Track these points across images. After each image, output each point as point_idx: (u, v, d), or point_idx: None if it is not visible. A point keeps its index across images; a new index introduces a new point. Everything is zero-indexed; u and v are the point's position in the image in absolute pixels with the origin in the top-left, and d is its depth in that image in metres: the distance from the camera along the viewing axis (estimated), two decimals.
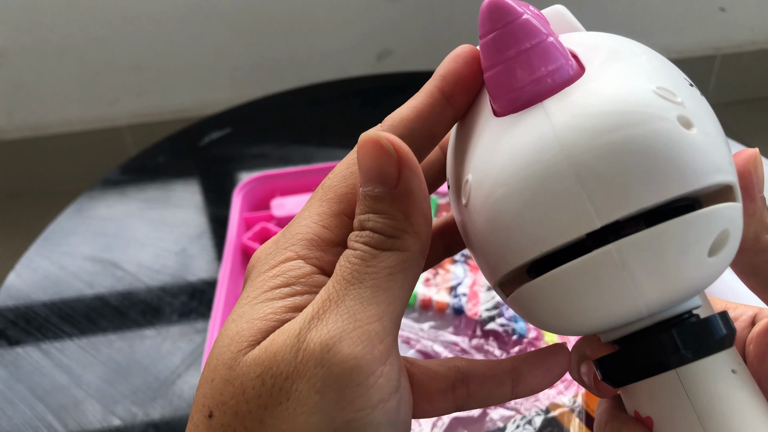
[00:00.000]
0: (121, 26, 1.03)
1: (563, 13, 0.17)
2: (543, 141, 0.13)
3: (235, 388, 0.13)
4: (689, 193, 0.13)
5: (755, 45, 1.23)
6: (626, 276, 0.13)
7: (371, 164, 0.14)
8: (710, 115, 0.15)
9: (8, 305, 0.42)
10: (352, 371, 0.12)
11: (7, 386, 0.36)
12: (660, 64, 0.15)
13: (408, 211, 0.14)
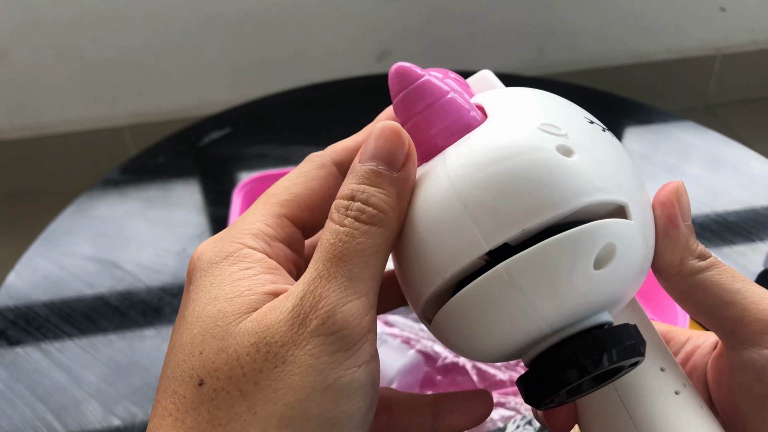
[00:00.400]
0: (121, 26, 1.03)
1: (487, 76, 0.19)
2: (438, 180, 0.15)
3: (228, 356, 0.14)
4: (566, 212, 0.14)
5: (755, 45, 1.23)
6: (518, 294, 0.14)
7: (385, 145, 0.15)
8: (605, 145, 0.16)
9: (8, 305, 0.42)
10: (344, 339, 0.14)
11: (6, 386, 0.36)
12: (557, 107, 0.17)
13: (401, 195, 0.15)
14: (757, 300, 0.16)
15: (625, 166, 0.16)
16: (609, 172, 0.15)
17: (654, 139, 0.56)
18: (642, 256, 0.15)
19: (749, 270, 0.42)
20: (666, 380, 0.16)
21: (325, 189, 0.17)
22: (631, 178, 0.16)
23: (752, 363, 0.16)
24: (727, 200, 0.49)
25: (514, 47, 1.16)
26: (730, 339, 0.16)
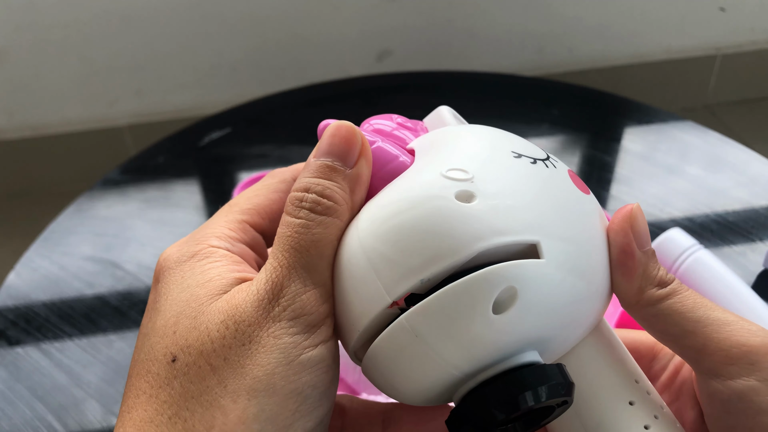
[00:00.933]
0: (121, 26, 1.03)
1: (441, 113, 0.20)
2: (351, 233, 0.16)
3: (200, 332, 0.15)
4: (463, 259, 0.14)
5: (755, 45, 1.23)
6: (422, 344, 0.14)
7: (338, 142, 0.16)
8: (524, 181, 0.16)
9: (8, 305, 0.42)
10: (304, 324, 0.15)
11: (7, 386, 0.37)
12: (479, 147, 0.17)
13: (354, 190, 0.16)
14: (717, 329, 0.15)
15: (546, 200, 0.15)
16: (517, 211, 0.15)
17: (654, 139, 0.56)
18: (565, 291, 0.15)
19: (749, 270, 0.42)
20: (635, 414, 0.16)
21: (285, 201, 0.17)
22: (554, 212, 0.15)
23: (718, 394, 0.15)
24: (726, 200, 0.49)
25: (513, 47, 1.16)
26: (696, 368, 0.16)
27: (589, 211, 0.16)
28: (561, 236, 0.15)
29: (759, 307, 0.36)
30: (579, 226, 0.16)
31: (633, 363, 0.17)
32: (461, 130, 0.18)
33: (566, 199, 0.16)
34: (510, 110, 0.61)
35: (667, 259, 0.39)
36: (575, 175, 0.17)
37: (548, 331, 0.15)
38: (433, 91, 0.65)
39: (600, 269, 0.16)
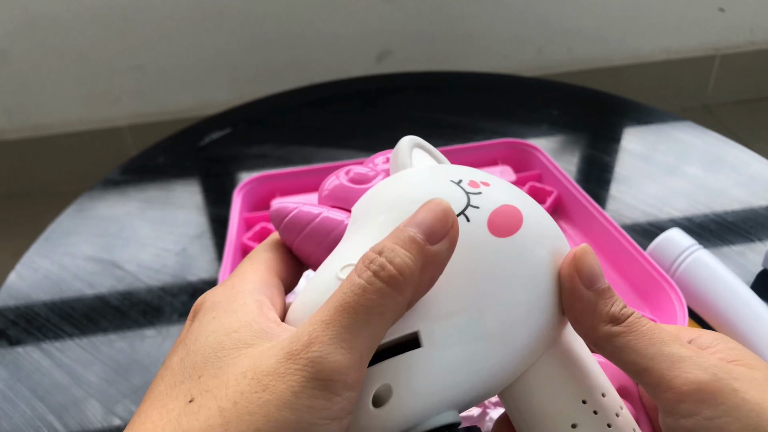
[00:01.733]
0: (122, 27, 1.03)
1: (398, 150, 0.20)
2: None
3: (220, 380, 0.15)
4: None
5: (754, 45, 1.24)
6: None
7: (430, 218, 0.15)
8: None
9: (9, 305, 0.42)
10: (327, 386, 0.14)
11: (7, 386, 0.37)
12: (384, 232, 0.16)
13: (426, 267, 0.15)
14: (670, 365, 0.15)
15: (445, 287, 0.16)
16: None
17: (653, 139, 0.56)
18: (457, 362, 0.15)
19: (748, 270, 0.42)
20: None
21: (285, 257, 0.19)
22: (444, 290, 0.15)
23: (672, 431, 0.15)
24: (725, 200, 0.49)
25: (513, 48, 1.16)
26: (656, 402, 0.16)
27: (502, 259, 0.16)
28: (447, 313, 0.15)
29: (758, 306, 0.36)
30: (478, 289, 0.16)
31: (587, 380, 0.17)
32: (384, 193, 0.18)
33: (466, 263, 0.16)
34: (510, 111, 0.61)
35: (665, 259, 0.39)
36: (504, 211, 0.17)
37: (453, 396, 0.15)
38: (433, 92, 0.65)
39: (518, 314, 0.16)
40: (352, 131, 0.59)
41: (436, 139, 0.60)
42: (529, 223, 0.17)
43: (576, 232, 0.44)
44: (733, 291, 0.37)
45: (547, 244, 0.17)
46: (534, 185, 0.46)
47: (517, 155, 0.49)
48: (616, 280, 0.40)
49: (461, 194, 0.17)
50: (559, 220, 0.45)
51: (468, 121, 0.59)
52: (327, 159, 0.55)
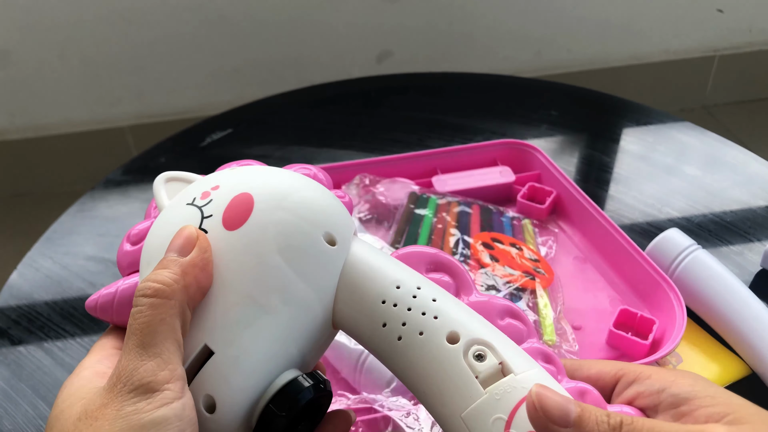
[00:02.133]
0: (123, 27, 1.03)
1: (154, 191, 0.22)
2: None
3: (61, 423, 0.18)
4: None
5: (753, 46, 1.24)
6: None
7: (178, 240, 0.19)
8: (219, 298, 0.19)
9: (11, 305, 0.42)
10: (142, 391, 0.17)
11: (9, 385, 0.37)
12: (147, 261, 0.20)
13: (186, 272, 0.18)
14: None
15: (208, 297, 0.19)
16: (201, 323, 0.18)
17: (652, 139, 0.57)
18: (260, 347, 0.18)
19: (747, 270, 0.42)
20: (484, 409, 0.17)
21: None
22: (214, 304, 0.18)
23: None
24: (724, 200, 0.49)
25: (512, 48, 1.16)
26: None
27: (244, 244, 0.19)
28: (218, 318, 0.18)
29: (757, 306, 0.36)
30: (235, 287, 0.18)
31: (378, 283, 0.19)
32: (146, 247, 0.20)
33: (217, 268, 0.19)
34: (509, 111, 0.61)
35: (664, 259, 0.39)
36: (232, 205, 0.19)
37: (274, 366, 0.18)
38: (433, 92, 0.65)
39: (279, 279, 0.18)
40: (352, 132, 0.59)
41: (436, 140, 0.61)
42: (261, 198, 0.20)
43: (575, 232, 0.44)
44: (731, 291, 0.37)
45: (287, 205, 0.19)
46: (533, 185, 0.46)
47: (516, 156, 0.49)
48: (616, 280, 0.40)
49: (195, 212, 0.20)
50: (558, 220, 0.45)
51: (468, 121, 0.59)
52: (327, 159, 0.55)
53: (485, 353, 0.18)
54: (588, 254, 0.42)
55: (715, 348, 0.37)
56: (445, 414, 0.17)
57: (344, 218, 0.21)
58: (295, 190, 0.20)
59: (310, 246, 0.19)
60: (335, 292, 0.19)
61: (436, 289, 0.19)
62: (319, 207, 0.20)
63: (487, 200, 0.45)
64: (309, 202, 0.20)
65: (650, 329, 0.34)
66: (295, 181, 0.21)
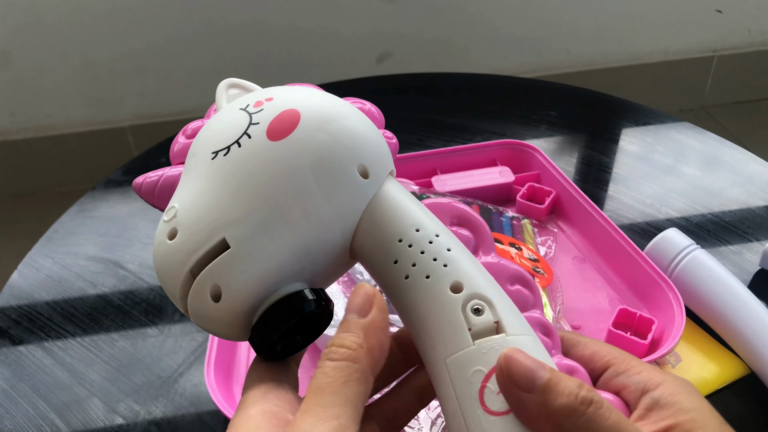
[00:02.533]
0: (124, 28, 1.03)
1: (217, 94, 0.24)
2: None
3: None
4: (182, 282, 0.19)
5: (751, 46, 1.24)
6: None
7: (357, 299, 0.19)
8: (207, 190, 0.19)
9: (11, 305, 0.42)
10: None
11: (10, 385, 0.37)
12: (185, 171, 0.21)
13: (368, 334, 0.18)
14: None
15: (226, 192, 0.19)
16: (202, 223, 0.19)
17: (651, 140, 0.57)
18: (270, 252, 0.19)
19: (746, 269, 0.43)
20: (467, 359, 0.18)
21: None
22: (234, 199, 0.19)
23: None
24: (723, 200, 0.49)
25: (512, 49, 1.17)
26: None
27: (282, 157, 0.19)
28: (242, 217, 0.19)
29: (756, 306, 0.36)
30: (263, 192, 0.19)
31: (399, 222, 0.20)
32: (198, 138, 0.22)
33: (251, 172, 0.19)
34: (509, 111, 0.61)
35: (663, 259, 0.39)
36: (282, 117, 0.20)
37: (282, 274, 0.19)
38: (433, 93, 0.65)
39: (308, 196, 0.19)
40: None
41: (435, 140, 0.61)
42: (307, 118, 0.20)
43: (574, 232, 0.44)
44: (730, 290, 0.37)
45: (329, 129, 0.20)
46: (533, 185, 0.46)
47: (515, 156, 0.49)
48: (615, 279, 0.40)
49: (245, 117, 0.20)
50: (557, 219, 0.45)
51: (467, 122, 0.59)
52: None
53: (483, 309, 0.18)
54: (587, 254, 0.42)
55: (714, 347, 0.37)
56: (432, 357, 0.18)
57: (382, 155, 0.21)
58: (341, 117, 0.21)
59: (341, 173, 0.19)
60: (358, 222, 0.20)
61: (453, 241, 0.20)
62: (359, 138, 0.21)
63: (487, 200, 0.45)
64: (351, 131, 0.20)
65: (649, 329, 0.35)
66: (344, 110, 0.21)
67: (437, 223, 0.20)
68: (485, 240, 0.22)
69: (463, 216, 0.22)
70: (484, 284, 0.19)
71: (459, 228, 0.22)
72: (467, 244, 0.21)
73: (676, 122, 0.59)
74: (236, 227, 0.19)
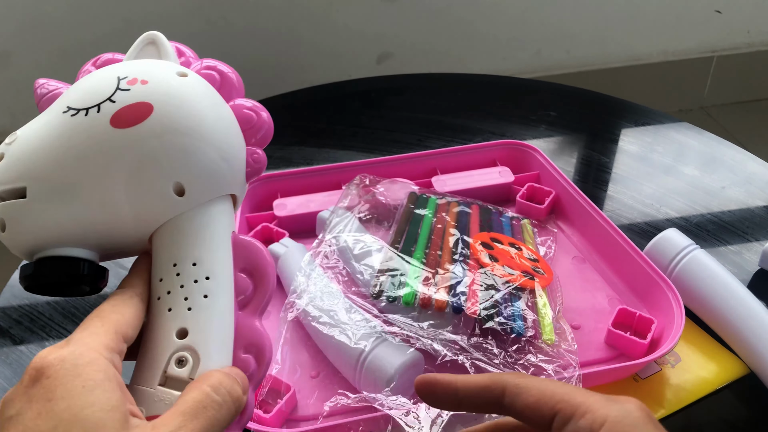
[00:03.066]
0: (124, 28, 1.03)
1: (135, 42, 0.25)
2: None
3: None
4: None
5: (751, 47, 1.24)
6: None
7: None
8: (38, 140, 0.21)
9: (12, 304, 0.42)
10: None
11: (11, 385, 0.37)
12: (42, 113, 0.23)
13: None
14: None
15: (50, 151, 0.20)
16: (15, 164, 0.20)
17: (650, 140, 0.57)
18: (55, 214, 0.20)
19: (745, 269, 0.43)
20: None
21: (137, 314, 0.21)
22: (50, 160, 0.20)
23: None
24: (722, 200, 0.49)
25: (512, 50, 1.17)
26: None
27: (112, 146, 0.20)
28: (48, 177, 0.20)
29: (755, 306, 0.36)
30: (78, 168, 0.20)
31: (183, 249, 0.21)
32: (79, 81, 0.23)
33: (77, 143, 0.20)
34: (508, 112, 0.61)
35: (663, 259, 0.39)
36: (135, 107, 0.21)
37: (65, 237, 0.20)
38: (433, 93, 0.65)
39: (113, 187, 0.20)
40: (352, 132, 0.59)
41: (435, 140, 0.61)
42: (153, 119, 0.20)
43: (574, 232, 0.44)
44: (730, 290, 0.37)
45: (166, 140, 0.20)
46: (532, 185, 0.46)
47: (515, 156, 0.49)
48: (614, 279, 0.40)
49: (110, 89, 0.21)
50: (557, 220, 0.46)
51: (467, 122, 0.59)
52: (328, 160, 0.55)
53: (187, 363, 0.20)
54: (587, 254, 0.42)
55: (713, 347, 0.37)
56: (134, 373, 0.21)
57: (212, 181, 0.22)
58: (188, 132, 0.21)
59: (153, 183, 0.20)
60: (157, 228, 0.21)
61: (219, 289, 0.21)
62: (190, 159, 0.21)
63: (487, 200, 0.45)
64: (184, 150, 0.21)
65: (649, 329, 0.35)
66: (198, 124, 0.21)
67: (222, 266, 0.21)
68: (261, 299, 0.22)
69: (259, 268, 0.22)
70: (206, 342, 0.20)
71: (248, 275, 0.22)
72: (243, 292, 0.21)
73: (676, 122, 0.59)
74: (39, 183, 0.20)
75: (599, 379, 0.34)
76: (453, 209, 0.43)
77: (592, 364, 0.34)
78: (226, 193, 0.22)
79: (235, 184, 0.23)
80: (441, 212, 0.43)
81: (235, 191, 0.23)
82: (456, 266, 0.37)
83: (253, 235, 0.42)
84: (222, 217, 0.22)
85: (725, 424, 0.34)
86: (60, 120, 0.21)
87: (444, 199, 0.44)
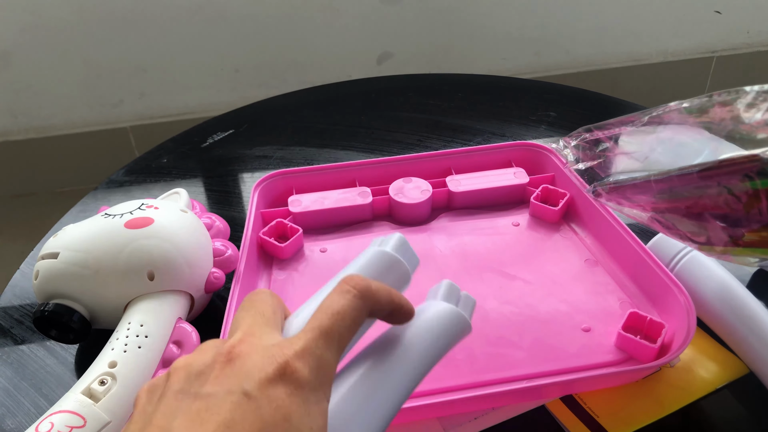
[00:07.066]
0: (125, 28, 1.04)
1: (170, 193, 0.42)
2: None
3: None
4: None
5: (750, 47, 1.24)
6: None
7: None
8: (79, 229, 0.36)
9: (14, 304, 0.42)
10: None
11: (12, 384, 0.37)
12: (86, 222, 0.36)
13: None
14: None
15: (81, 234, 0.35)
16: (63, 241, 0.35)
17: None
18: (71, 273, 0.34)
19: (744, 269, 0.43)
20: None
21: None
22: (78, 239, 0.34)
23: None
24: None
25: (512, 50, 1.17)
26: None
27: (114, 236, 0.34)
28: (74, 248, 0.34)
29: (754, 306, 0.36)
30: (94, 245, 0.34)
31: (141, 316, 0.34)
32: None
33: (98, 232, 0.34)
34: (508, 112, 0.61)
35: (662, 258, 0.39)
36: (140, 219, 0.34)
37: (72, 295, 0.34)
38: (433, 94, 0.65)
39: (110, 267, 0.33)
40: (353, 133, 0.59)
41: (435, 140, 0.61)
42: (149, 229, 0.34)
43: (587, 235, 0.44)
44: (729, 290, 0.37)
45: (150, 242, 0.33)
46: (547, 187, 0.46)
47: (530, 157, 0.49)
48: (626, 283, 0.40)
49: (133, 208, 0.36)
50: (571, 221, 0.45)
51: (467, 122, 0.60)
52: (328, 160, 0.55)
53: (106, 384, 0.30)
54: (599, 257, 0.42)
55: (713, 347, 0.37)
56: (78, 381, 0.31)
57: (178, 278, 0.34)
58: (164, 241, 0.34)
59: (133, 267, 0.33)
60: (130, 300, 0.34)
61: (153, 345, 0.32)
62: (162, 259, 0.33)
63: (500, 201, 0.45)
64: (160, 254, 0.33)
65: (659, 333, 0.34)
66: (176, 235, 0.34)
67: (159, 332, 0.32)
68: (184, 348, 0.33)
69: (187, 345, 0.33)
70: (126, 374, 0.30)
71: (178, 346, 0.33)
72: (170, 357, 0.32)
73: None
74: (68, 251, 0.33)
75: (607, 382, 0.33)
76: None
77: (601, 367, 0.34)
78: (184, 290, 0.34)
79: (192, 286, 0.34)
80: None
81: (191, 291, 0.34)
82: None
83: (267, 231, 0.42)
84: (175, 304, 0.33)
85: (725, 424, 0.34)
86: (97, 219, 0.35)
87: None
